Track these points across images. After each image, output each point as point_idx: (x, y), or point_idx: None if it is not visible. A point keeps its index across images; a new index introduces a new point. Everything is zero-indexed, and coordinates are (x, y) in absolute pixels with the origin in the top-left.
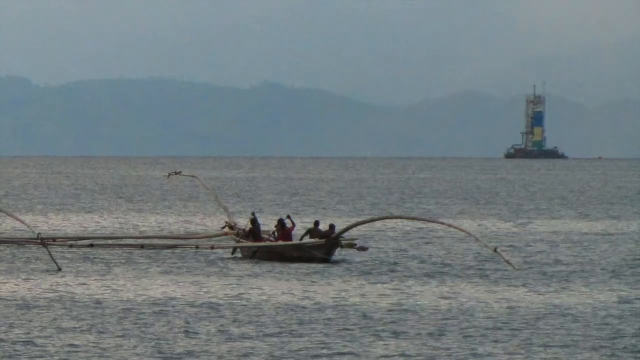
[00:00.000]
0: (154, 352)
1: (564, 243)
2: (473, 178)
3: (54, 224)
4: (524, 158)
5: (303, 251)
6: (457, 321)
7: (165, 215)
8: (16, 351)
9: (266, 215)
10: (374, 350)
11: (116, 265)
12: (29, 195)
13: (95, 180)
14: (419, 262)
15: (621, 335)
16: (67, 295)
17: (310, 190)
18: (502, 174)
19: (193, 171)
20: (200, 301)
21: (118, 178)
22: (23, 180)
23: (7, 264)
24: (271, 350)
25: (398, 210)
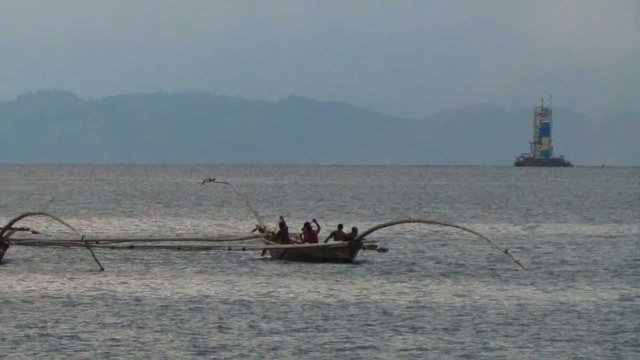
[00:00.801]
0: (190, 346)
1: (569, 245)
2: (485, 185)
3: (97, 227)
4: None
5: (328, 252)
6: (470, 317)
7: (200, 219)
8: (62, 345)
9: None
10: (393, 344)
11: (154, 265)
12: (74, 201)
13: (135, 186)
14: (435, 262)
15: (622, 331)
16: (109, 293)
17: (334, 196)
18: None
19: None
20: (233, 299)
21: (156, 185)
22: (68, 186)
23: (54, 264)
24: (298, 344)
25: (416, 215)
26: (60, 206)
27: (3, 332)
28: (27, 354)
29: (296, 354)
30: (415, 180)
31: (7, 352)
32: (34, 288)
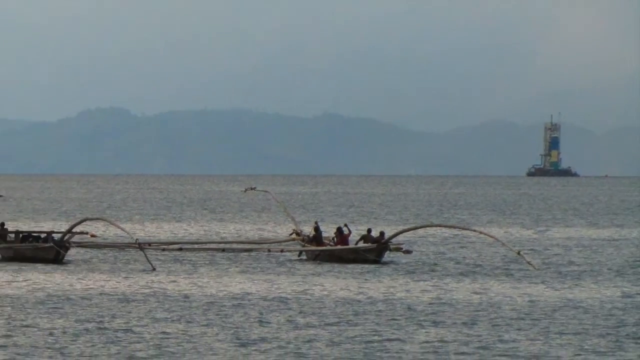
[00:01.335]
0: (233, 339)
1: (576, 247)
2: (500, 193)
3: (149, 231)
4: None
5: (358, 254)
6: (486, 312)
7: (242, 224)
8: (117, 338)
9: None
10: (417, 336)
11: (201, 265)
12: (129, 207)
13: (183, 194)
14: (455, 263)
15: (624, 325)
16: (160, 291)
17: (363, 203)
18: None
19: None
20: (272, 296)
21: (203, 193)
22: (123, 194)
23: (110, 265)
24: (331, 337)
25: (437, 220)
26: (116, 212)
27: (64, 326)
28: (86, 345)
29: (329, 346)
30: (437, 188)
31: (68, 345)
32: (92, 286)
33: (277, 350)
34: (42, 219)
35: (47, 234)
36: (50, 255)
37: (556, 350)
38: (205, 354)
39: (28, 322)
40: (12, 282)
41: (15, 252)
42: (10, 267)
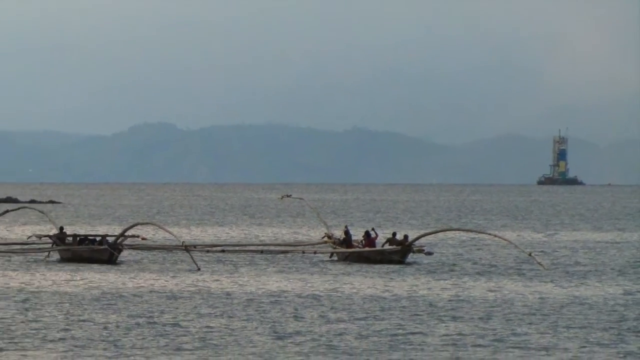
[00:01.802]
0: (271, 332)
1: (582, 249)
2: (513, 200)
3: (194, 234)
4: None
5: (384, 255)
6: (500, 308)
7: (279, 228)
8: (166, 331)
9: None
10: (437, 330)
11: (242, 266)
12: (176, 213)
13: (225, 201)
14: (472, 263)
15: (625, 319)
16: (204, 289)
17: (389, 209)
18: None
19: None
20: (306, 293)
21: (243, 200)
22: (171, 201)
23: (159, 265)
24: (359, 331)
25: (456, 224)
26: (164, 217)
27: (118, 321)
28: (137, 338)
29: (358, 339)
30: (455, 196)
31: (121, 338)
32: (142, 284)
33: (311, 342)
34: (98, 224)
35: (102, 237)
36: (104, 257)
37: (564, 343)
38: (246, 346)
39: (84, 317)
40: (70, 281)
41: (73, 253)
42: (69, 267)
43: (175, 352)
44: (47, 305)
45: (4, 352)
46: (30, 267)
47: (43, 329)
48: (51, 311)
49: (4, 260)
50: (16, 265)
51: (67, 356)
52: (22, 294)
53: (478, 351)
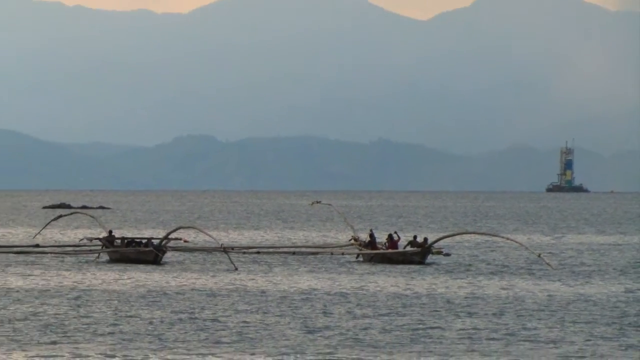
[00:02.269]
0: (302, 326)
1: (587, 251)
2: (523, 206)
3: (232, 237)
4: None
5: (405, 257)
6: (512, 305)
7: (309, 231)
8: (206, 326)
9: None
10: (454, 325)
11: (275, 266)
12: (215, 218)
13: (260, 207)
14: (486, 264)
15: (627, 315)
16: (241, 287)
17: (410, 214)
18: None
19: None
20: (334, 291)
21: (276, 205)
22: (211, 207)
23: (200, 265)
24: (383, 325)
25: (471, 228)
26: (204, 221)
27: (162, 316)
28: (180, 332)
29: (382, 333)
30: (471, 202)
31: (164, 332)
32: (185, 283)
33: (339, 336)
34: (143, 227)
35: (148, 240)
36: (150, 258)
37: (570, 337)
38: (279, 340)
39: (132, 313)
40: (118, 280)
41: (121, 255)
42: (117, 268)
43: (215, 345)
44: (97, 302)
45: (58, 345)
46: (82, 267)
47: (93, 324)
48: (101, 308)
49: (58, 261)
50: (69, 266)
51: (115, 349)
52: (75, 292)
53: (492, 344)
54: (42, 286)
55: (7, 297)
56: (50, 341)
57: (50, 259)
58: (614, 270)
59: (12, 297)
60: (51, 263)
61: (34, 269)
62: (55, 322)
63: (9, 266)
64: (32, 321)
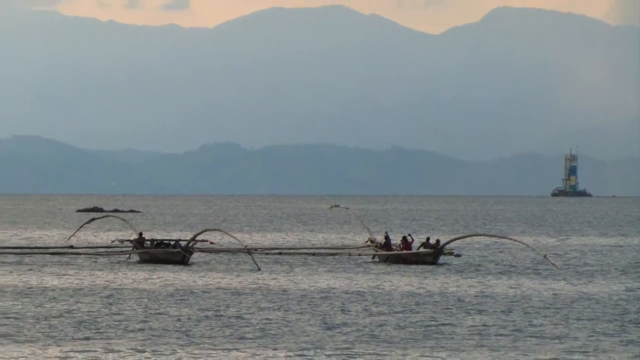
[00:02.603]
0: (321, 323)
1: (590, 252)
2: (530, 209)
3: (255, 239)
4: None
5: (419, 257)
6: (519, 303)
7: (328, 233)
8: (230, 322)
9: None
10: (465, 322)
11: (296, 266)
12: (239, 221)
13: (282, 210)
14: (495, 264)
15: (627, 312)
16: (264, 286)
17: (423, 217)
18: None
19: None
20: (352, 290)
21: (297, 209)
22: (235, 210)
23: (225, 265)
24: (398, 322)
25: (481, 230)
26: (229, 224)
27: (189, 314)
28: (206, 328)
29: (396, 329)
30: (480, 206)
31: (192, 328)
32: (210, 282)
33: (356, 332)
34: (172, 230)
35: (176, 241)
36: (178, 258)
37: (574, 333)
38: (300, 335)
39: (160, 310)
40: (148, 279)
41: (150, 255)
42: (147, 268)
43: (239, 340)
44: (128, 300)
45: (91, 341)
46: (114, 267)
47: (124, 321)
48: (131, 305)
49: (91, 261)
50: (101, 266)
51: (145, 344)
52: (107, 290)
53: (500, 340)
54: (76, 285)
55: (43, 296)
56: (84, 337)
57: (84, 260)
58: (616, 270)
59: (48, 295)
60: (85, 263)
61: (68, 269)
62: (89, 319)
63: (45, 266)
64: (67, 318)
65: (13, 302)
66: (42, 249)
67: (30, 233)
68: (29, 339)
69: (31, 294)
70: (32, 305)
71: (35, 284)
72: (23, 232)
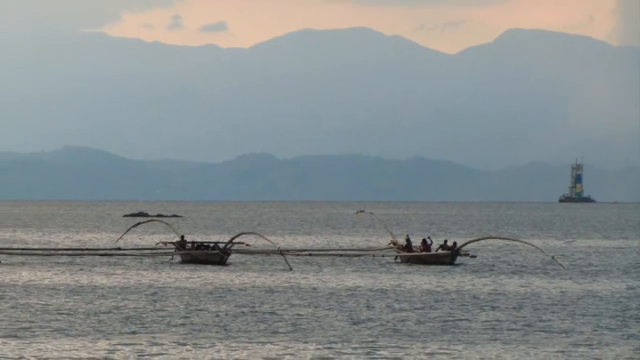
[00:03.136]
0: (348, 318)
1: (594, 253)
2: (539, 214)
3: (288, 241)
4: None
5: (437, 258)
6: (529, 300)
7: (354, 236)
8: (265, 318)
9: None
10: (480, 317)
11: (325, 266)
12: (273, 225)
13: (312, 215)
14: (507, 264)
15: (628, 309)
16: (295, 285)
17: (441, 221)
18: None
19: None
20: (375, 288)
21: (326, 214)
22: (269, 215)
23: (259, 266)
24: (418, 317)
25: (494, 233)
26: (263, 228)
27: (227, 310)
28: (242, 323)
29: (417, 324)
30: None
31: (229, 323)
32: (246, 281)
33: (379, 327)
34: (211, 233)
35: (215, 244)
36: (216, 259)
37: (580, 327)
38: (328, 330)
39: (201, 307)
40: (189, 278)
41: (191, 257)
42: (188, 268)
43: (272, 335)
44: (170, 298)
45: (137, 335)
46: (158, 267)
47: (167, 316)
48: (174, 302)
49: (137, 262)
50: (146, 266)
51: (187, 338)
52: (151, 288)
53: (512, 334)
54: (123, 284)
55: (93, 293)
56: (130, 331)
57: (130, 260)
58: (618, 270)
59: (97, 293)
60: (131, 264)
61: (116, 269)
62: (135, 315)
63: (95, 267)
64: (115, 314)
65: (65, 299)
66: (92, 250)
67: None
68: (80, 333)
69: (82, 292)
70: (83, 302)
71: (85, 283)
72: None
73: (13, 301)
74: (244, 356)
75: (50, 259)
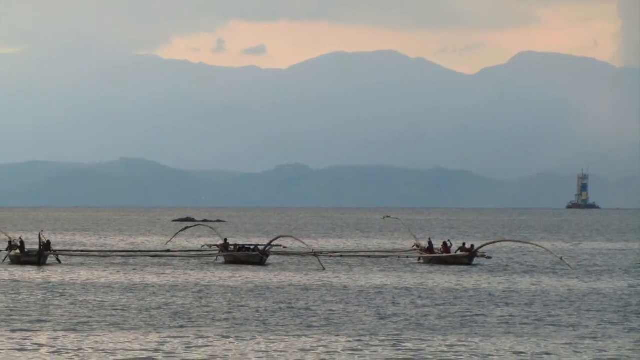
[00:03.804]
0: (375, 314)
1: (598, 254)
2: (548, 219)
3: (320, 244)
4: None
5: (456, 259)
6: (539, 297)
7: (381, 239)
8: (300, 313)
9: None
10: (495, 313)
11: (354, 266)
12: (307, 229)
13: (343, 220)
14: (519, 265)
15: (630, 305)
16: (328, 283)
17: (460, 226)
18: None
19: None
20: (400, 286)
21: (355, 219)
22: (303, 220)
23: (295, 266)
24: (439, 313)
25: (508, 237)
26: (299, 231)
27: (266, 306)
28: (279, 319)
29: (438, 319)
30: (507, 217)
31: (268, 318)
32: (283, 279)
33: (404, 322)
34: (251, 236)
35: (255, 246)
36: (256, 260)
37: (585, 322)
38: (357, 324)
39: (242, 303)
40: (231, 277)
41: (234, 258)
42: (231, 268)
43: (307, 328)
44: (215, 295)
45: (184, 328)
46: (203, 267)
47: (212, 312)
48: (218, 299)
49: (185, 262)
50: (193, 266)
51: (229, 331)
52: (197, 287)
53: (524, 327)
54: (172, 282)
55: (144, 291)
56: (179, 325)
57: (179, 261)
58: (620, 269)
59: (148, 290)
60: (179, 264)
61: (165, 269)
62: (182, 311)
63: (147, 267)
64: (164, 310)
65: (120, 296)
66: (143, 252)
67: (134, 239)
68: (133, 327)
69: (135, 290)
70: (136, 299)
71: (138, 282)
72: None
73: (72, 298)
74: (281, 348)
75: (106, 260)
